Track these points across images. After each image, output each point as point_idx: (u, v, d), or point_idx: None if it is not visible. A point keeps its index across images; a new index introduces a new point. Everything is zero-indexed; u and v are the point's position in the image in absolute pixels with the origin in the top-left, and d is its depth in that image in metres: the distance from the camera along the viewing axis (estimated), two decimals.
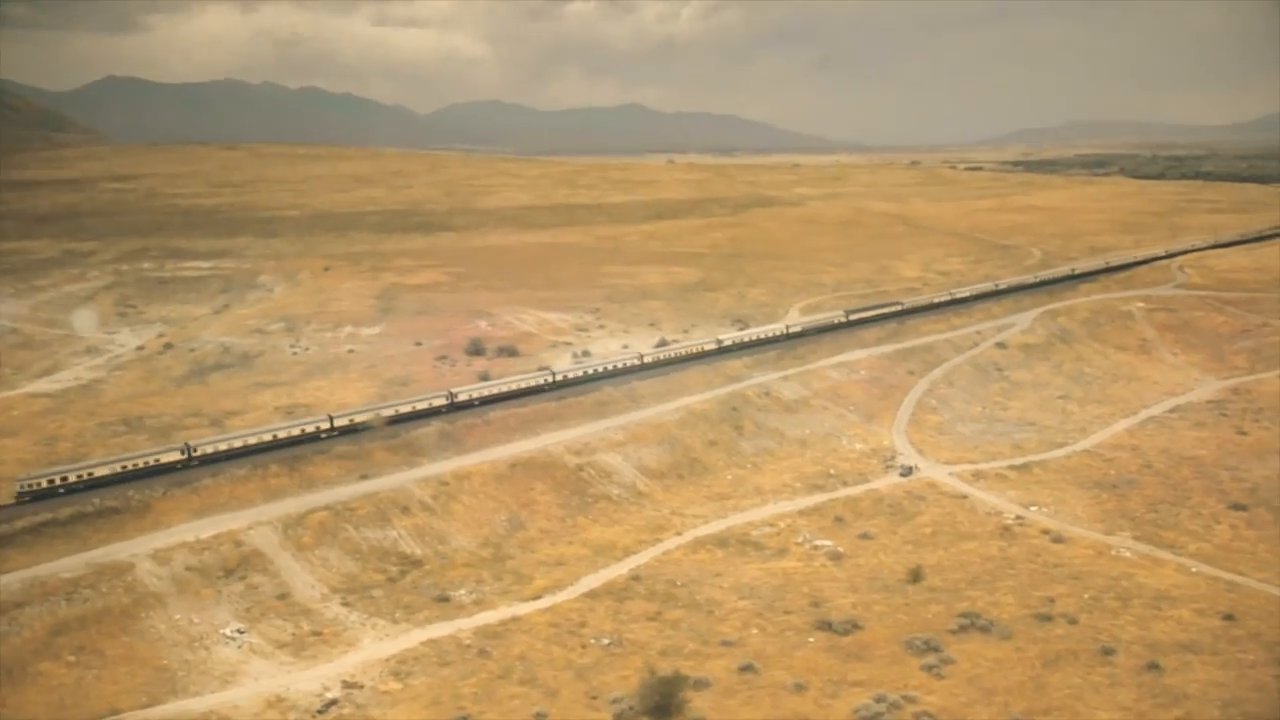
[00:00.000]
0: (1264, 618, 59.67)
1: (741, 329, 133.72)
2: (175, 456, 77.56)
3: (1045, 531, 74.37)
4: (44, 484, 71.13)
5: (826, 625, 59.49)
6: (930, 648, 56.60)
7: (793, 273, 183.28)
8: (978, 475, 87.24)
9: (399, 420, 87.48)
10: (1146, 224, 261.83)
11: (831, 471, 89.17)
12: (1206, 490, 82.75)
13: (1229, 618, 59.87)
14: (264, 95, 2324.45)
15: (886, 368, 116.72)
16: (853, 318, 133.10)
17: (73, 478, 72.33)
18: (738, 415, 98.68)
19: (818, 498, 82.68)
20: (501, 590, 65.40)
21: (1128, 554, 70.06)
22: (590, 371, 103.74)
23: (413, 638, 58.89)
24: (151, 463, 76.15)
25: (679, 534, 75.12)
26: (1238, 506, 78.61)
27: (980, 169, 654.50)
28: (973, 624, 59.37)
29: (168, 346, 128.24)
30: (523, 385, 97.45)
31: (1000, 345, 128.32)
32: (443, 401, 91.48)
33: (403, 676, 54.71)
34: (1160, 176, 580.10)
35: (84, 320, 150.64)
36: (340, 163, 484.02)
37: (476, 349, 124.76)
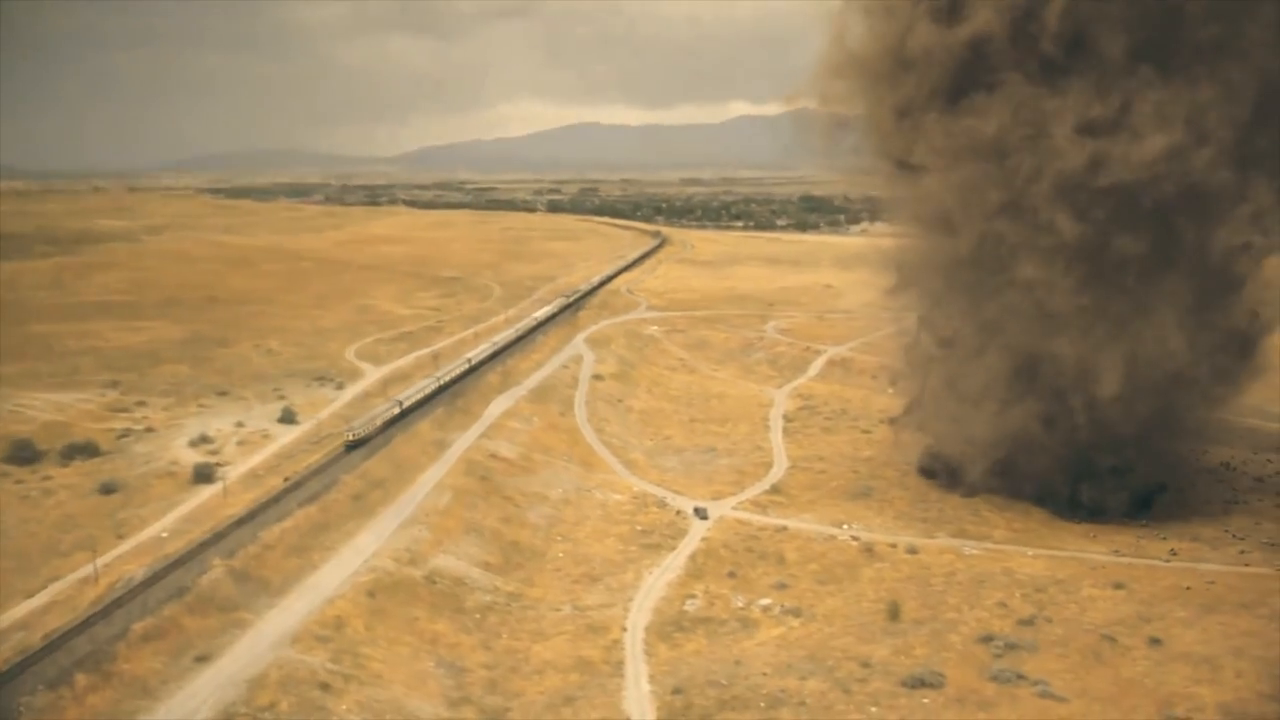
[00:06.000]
0: (1137, 581, 72.23)
1: (339, 387, 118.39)
2: (395, 410, 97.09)
3: (892, 546, 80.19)
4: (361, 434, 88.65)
5: (918, 682, 57.95)
6: (1018, 677, 58.64)
7: (285, 319, 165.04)
8: (758, 505, 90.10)
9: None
10: (522, 252, 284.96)
11: (639, 528, 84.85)
12: (923, 488, 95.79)
13: (1119, 586, 71.66)
14: None
15: (541, 411, 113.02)
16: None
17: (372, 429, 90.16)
18: (494, 484, 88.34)
19: (672, 558, 78.44)
20: None
21: (975, 552, 79.08)
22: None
23: None
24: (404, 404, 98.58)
25: (625, 629, 66.01)
26: (967, 494, 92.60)
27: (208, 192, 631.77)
28: (1004, 645, 62.69)
29: None
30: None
31: (598, 377, 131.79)
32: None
33: None
34: (374, 203, 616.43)
35: None
36: None
37: (27, 455, 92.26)
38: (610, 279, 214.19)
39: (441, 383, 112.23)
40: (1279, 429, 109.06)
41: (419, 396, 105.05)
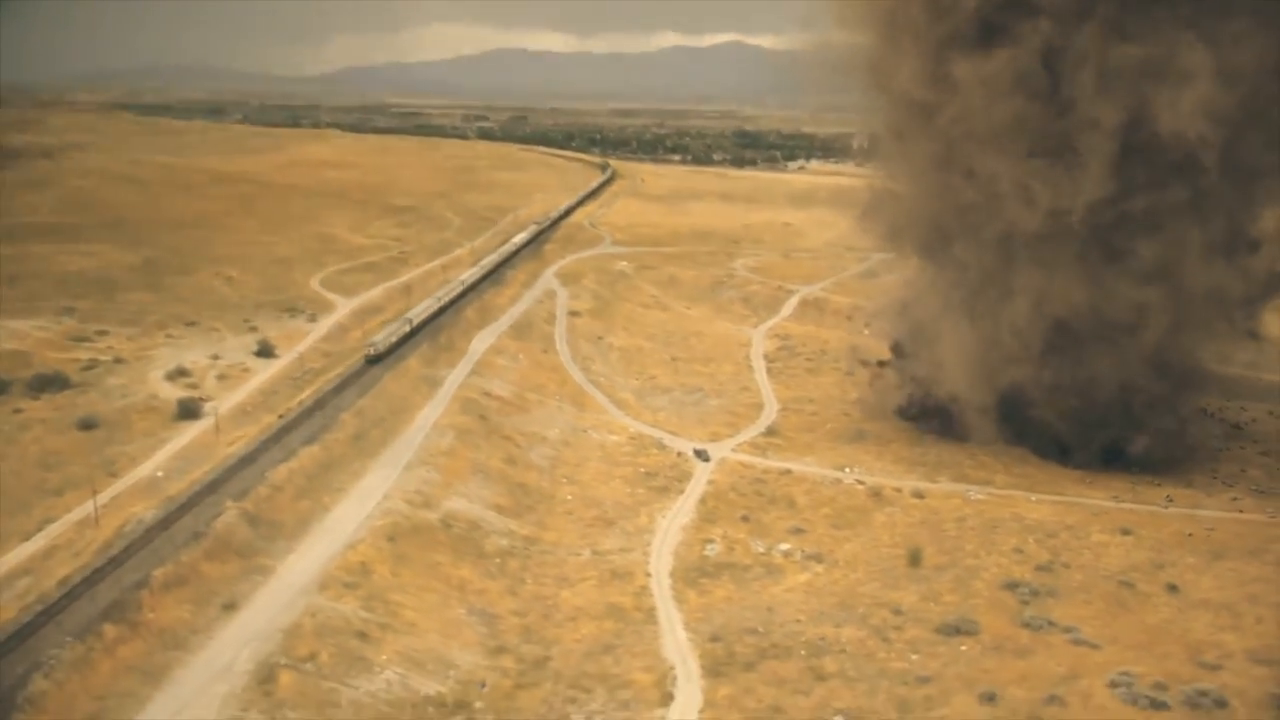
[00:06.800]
0: (1143, 527, 73.17)
1: (311, 319, 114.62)
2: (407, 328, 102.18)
3: (898, 491, 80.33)
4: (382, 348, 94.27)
5: (954, 630, 58.01)
6: (1049, 623, 59.02)
7: (239, 246, 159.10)
8: (756, 448, 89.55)
9: None
10: (472, 181, 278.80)
11: (643, 469, 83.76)
12: (916, 432, 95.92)
13: (1127, 532, 72.67)
14: None
15: (525, 349, 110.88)
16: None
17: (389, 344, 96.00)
18: (492, 424, 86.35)
19: (681, 501, 77.62)
20: (616, 702, 50.73)
21: (980, 497, 79.44)
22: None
23: None
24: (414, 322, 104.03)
25: (649, 575, 65.09)
26: (959, 441, 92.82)
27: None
28: (1030, 591, 63.06)
29: None
30: None
31: (575, 314, 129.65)
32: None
33: None
34: (297, 125, 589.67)
35: None
36: None
37: None
38: (571, 211, 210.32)
39: (442, 302, 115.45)
40: (1249, 375, 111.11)
41: (425, 315, 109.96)
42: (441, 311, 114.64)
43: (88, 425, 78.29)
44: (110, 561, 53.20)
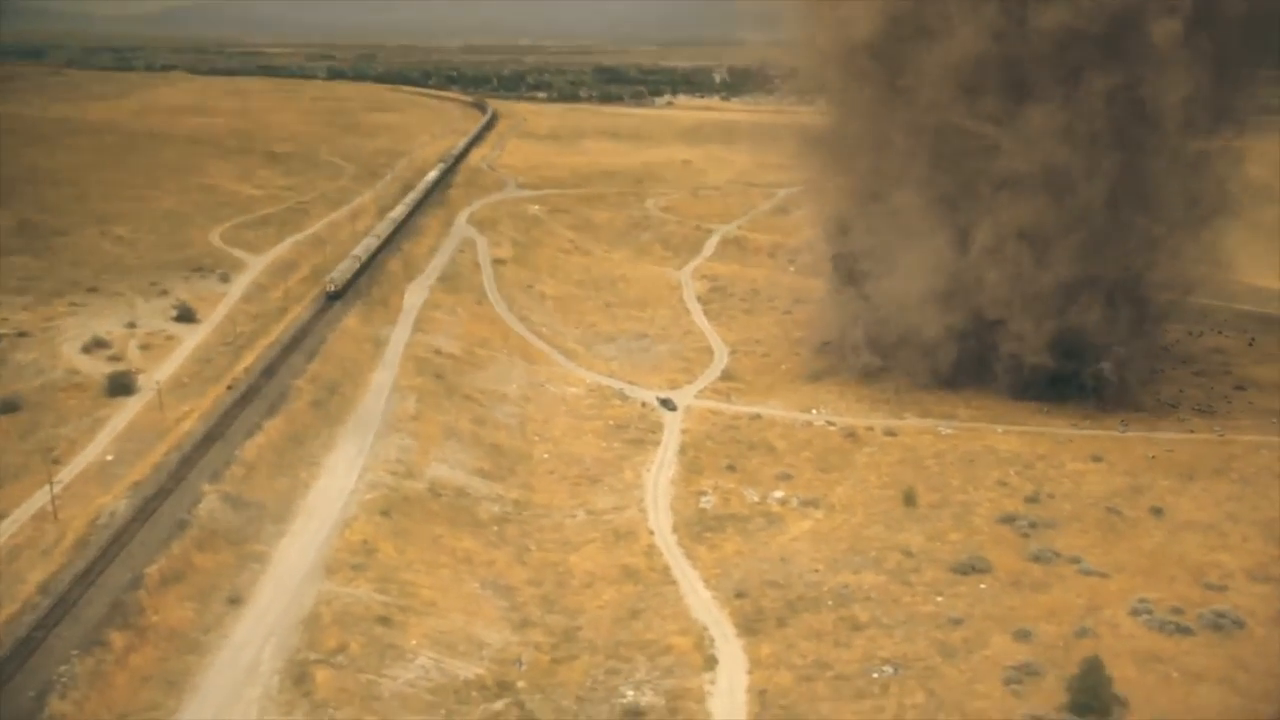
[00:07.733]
0: (1109, 454, 74.90)
1: (224, 279, 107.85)
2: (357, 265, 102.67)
3: (870, 429, 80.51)
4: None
5: (969, 568, 58.27)
6: (1054, 553, 59.90)
7: (117, 202, 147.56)
8: (719, 393, 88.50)
9: None
10: (350, 124, 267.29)
11: (612, 422, 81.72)
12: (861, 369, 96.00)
13: (1097, 459, 74.51)
14: None
15: (460, 301, 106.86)
16: None
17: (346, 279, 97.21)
18: (450, 384, 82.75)
19: (661, 452, 76.08)
20: (660, 670, 49.23)
21: (949, 431, 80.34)
22: None
23: None
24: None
25: (652, 533, 63.48)
26: (912, 376, 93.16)
27: None
28: (1028, 523, 63.80)
29: None
30: None
31: (499, 262, 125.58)
32: None
33: None
34: (129, 68, 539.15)
35: None
36: None
37: None
38: (465, 153, 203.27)
39: (381, 239, 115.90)
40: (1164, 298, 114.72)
41: (369, 253, 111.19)
42: (384, 247, 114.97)
43: (10, 407, 71.48)
44: (95, 561, 48.10)
